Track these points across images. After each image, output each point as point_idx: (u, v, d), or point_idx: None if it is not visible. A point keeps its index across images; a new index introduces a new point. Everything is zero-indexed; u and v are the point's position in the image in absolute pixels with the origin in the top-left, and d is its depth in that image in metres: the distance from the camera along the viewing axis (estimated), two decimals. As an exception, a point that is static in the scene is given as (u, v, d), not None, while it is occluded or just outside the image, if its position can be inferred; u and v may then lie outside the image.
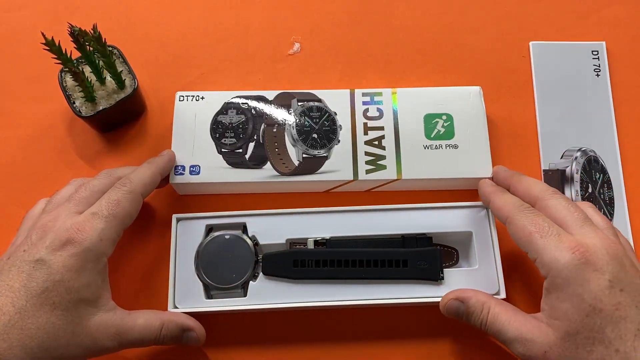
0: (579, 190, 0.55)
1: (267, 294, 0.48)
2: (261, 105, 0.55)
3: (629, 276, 0.35)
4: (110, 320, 0.39)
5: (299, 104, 0.55)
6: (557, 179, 0.56)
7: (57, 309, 0.36)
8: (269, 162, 0.53)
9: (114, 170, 0.47)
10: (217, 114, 0.55)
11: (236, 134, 0.54)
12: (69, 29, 0.48)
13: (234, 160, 0.53)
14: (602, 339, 0.33)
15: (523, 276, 0.51)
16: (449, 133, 0.54)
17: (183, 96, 0.56)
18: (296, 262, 0.48)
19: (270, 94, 0.56)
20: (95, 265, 0.39)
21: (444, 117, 0.55)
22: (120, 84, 0.55)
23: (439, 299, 0.45)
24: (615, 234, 0.40)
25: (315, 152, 0.54)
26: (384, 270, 0.48)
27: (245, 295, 0.48)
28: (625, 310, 0.34)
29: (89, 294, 0.38)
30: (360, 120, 0.55)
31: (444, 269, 0.48)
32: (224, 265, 0.49)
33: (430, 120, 0.55)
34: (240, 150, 0.54)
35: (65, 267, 0.37)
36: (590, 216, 0.41)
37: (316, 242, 0.50)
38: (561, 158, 0.57)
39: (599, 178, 0.56)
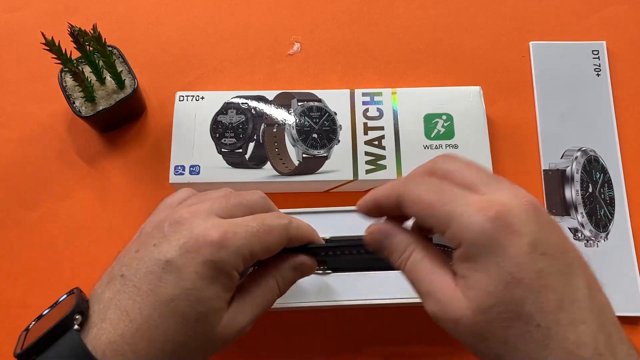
0: (579, 190, 0.55)
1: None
2: (261, 105, 0.55)
3: (548, 236, 0.30)
4: (236, 318, 0.36)
5: (299, 104, 0.55)
6: (558, 178, 0.56)
7: (189, 320, 0.33)
8: (268, 162, 0.53)
9: (267, 199, 0.40)
10: (217, 114, 0.55)
11: (236, 134, 0.54)
12: (69, 29, 0.48)
13: (234, 160, 0.53)
14: (521, 313, 0.28)
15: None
16: (449, 133, 0.54)
17: (183, 96, 0.56)
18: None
19: (270, 94, 0.56)
20: (226, 278, 0.34)
21: (444, 117, 0.55)
22: (120, 84, 0.55)
23: None
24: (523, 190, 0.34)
25: (315, 152, 0.54)
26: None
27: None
28: (548, 279, 0.28)
29: (220, 303, 0.35)
30: (360, 120, 0.55)
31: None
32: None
33: (430, 120, 0.55)
34: (240, 150, 0.54)
35: (197, 274, 0.33)
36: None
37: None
38: (561, 158, 0.56)
39: (599, 178, 0.56)
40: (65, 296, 0.36)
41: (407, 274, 0.34)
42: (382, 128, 0.54)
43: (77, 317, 0.32)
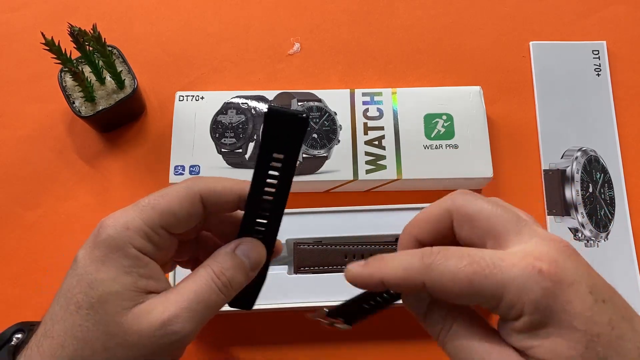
0: (579, 190, 0.55)
1: (267, 294, 0.48)
2: (261, 105, 0.55)
3: (596, 279, 0.28)
4: (154, 309, 0.30)
5: (299, 103, 0.55)
6: (558, 178, 0.56)
7: (82, 308, 0.30)
8: (268, 162, 0.53)
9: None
10: (217, 113, 0.55)
11: (236, 134, 0.54)
12: (69, 29, 0.48)
13: (234, 160, 0.53)
14: None
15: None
16: (449, 133, 0.54)
17: (183, 96, 0.56)
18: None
19: (270, 94, 0.56)
20: (121, 256, 0.30)
21: (444, 117, 0.55)
22: (120, 84, 0.55)
23: None
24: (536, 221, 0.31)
25: (315, 152, 0.54)
26: None
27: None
28: (619, 328, 0.26)
29: (118, 286, 0.30)
30: (360, 120, 0.55)
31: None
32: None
33: (430, 120, 0.55)
34: (240, 150, 0.54)
35: (88, 258, 0.31)
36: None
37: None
38: (561, 158, 0.56)
39: (599, 178, 0.56)
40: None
41: (449, 351, 0.28)
42: (382, 128, 0.54)
43: (17, 335, 0.35)
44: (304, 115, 0.27)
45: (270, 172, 0.30)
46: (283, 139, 0.28)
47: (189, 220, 0.32)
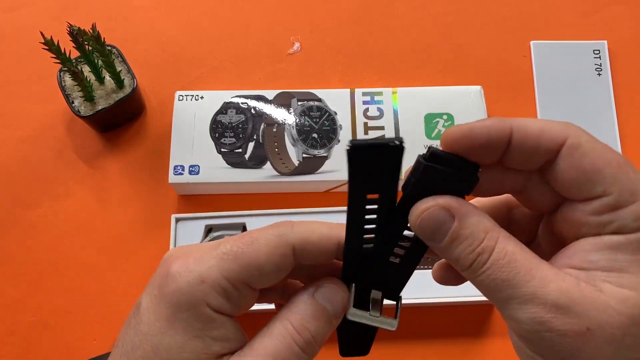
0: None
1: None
2: (261, 105, 0.55)
3: None
4: None
5: (299, 103, 0.55)
6: (559, 178, 0.55)
7: None
8: (268, 162, 0.53)
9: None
10: (217, 113, 0.55)
11: (236, 133, 0.54)
12: (68, 29, 0.48)
13: (234, 160, 0.53)
14: None
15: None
16: (449, 133, 0.54)
17: (182, 96, 0.56)
18: None
19: (270, 94, 0.56)
20: (192, 316, 0.25)
21: (445, 117, 0.55)
22: (120, 84, 0.54)
23: (446, 300, 0.45)
24: None
25: (315, 151, 0.53)
26: None
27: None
28: None
29: (186, 355, 0.25)
30: (360, 119, 0.55)
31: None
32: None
33: (430, 119, 0.55)
34: (240, 150, 0.54)
35: (153, 314, 0.25)
36: None
37: None
38: (562, 158, 0.56)
39: (600, 178, 0.55)
40: None
41: (491, 272, 0.23)
42: (382, 128, 0.54)
43: None
44: (397, 143, 0.22)
45: (367, 217, 0.25)
46: (375, 177, 0.23)
47: (277, 275, 0.26)
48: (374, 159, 0.22)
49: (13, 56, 0.61)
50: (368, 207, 0.24)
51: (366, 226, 0.25)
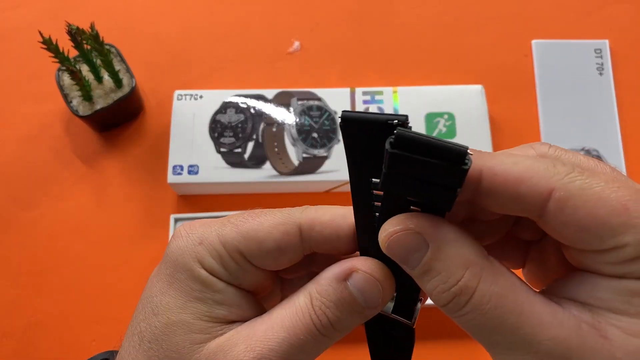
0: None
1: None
2: (260, 105, 0.55)
3: None
4: (233, 343, 0.23)
5: (299, 102, 0.55)
6: (560, 178, 0.55)
7: (144, 341, 0.24)
8: (268, 162, 0.53)
9: None
10: (216, 113, 0.55)
11: (235, 133, 0.54)
12: (67, 28, 0.48)
13: (233, 159, 0.53)
14: None
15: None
16: (450, 132, 0.54)
17: (181, 95, 0.55)
18: None
19: (270, 93, 0.55)
20: (189, 277, 0.24)
21: (446, 116, 0.54)
22: (118, 83, 0.54)
23: None
24: None
25: (315, 151, 0.53)
26: None
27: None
28: None
29: (187, 315, 0.23)
30: (360, 119, 0.54)
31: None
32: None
33: (431, 119, 0.54)
34: (239, 150, 0.53)
35: (156, 276, 0.25)
36: None
37: None
38: (564, 157, 0.56)
39: (602, 178, 0.55)
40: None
41: (472, 317, 0.19)
42: (382, 127, 0.54)
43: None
44: (395, 121, 0.18)
45: (375, 202, 0.22)
46: (373, 154, 0.20)
47: (280, 255, 0.24)
48: (369, 135, 0.19)
49: (11, 55, 0.61)
50: (375, 192, 0.21)
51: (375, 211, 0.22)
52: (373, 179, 0.21)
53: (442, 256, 0.19)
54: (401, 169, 0.18)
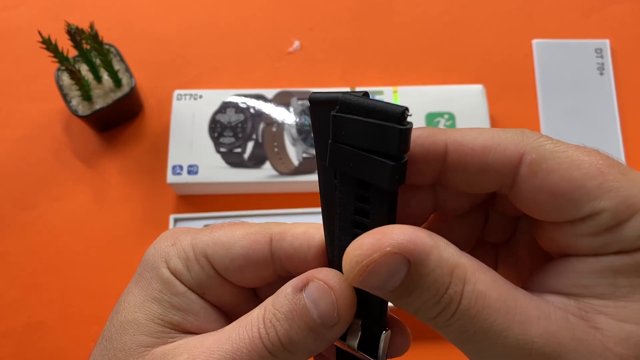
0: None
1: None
2: (260, 104, 0.55)
3: None
4: (178, 353, 0.21)
5: (299, 102, 0.55)
6: (561, 178, 0.55)
7: (103, 338, 0.24)
8: (268, 162, 0.53)
9: None
10: (216, 112, 0.54)
11: (235, 133, 0.54)
12: (66, 27, 0.48)
13: (233, 159, 0.53)
14: None
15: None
16: (450, 132, 0.54)
17: (181, 95, 0.55)
18: None
19: (270, 93, 0.55)
20: (154, 276, 0.23)
21: (446, 116, 0.54)
22: (118, 83, 0.54)
23: None
24: None
25: (315, 151, 0.53)
26: None
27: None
28: None
29: (141, 315, 0.23)
30: (360, 119, 0.54)
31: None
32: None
33: (432, 119, 0.54)
34: (239, 150, 0.53)
35: (131, 283, 0.25)
36: None
37: None
38: (564, 157, 0.56)
39: (602, 178, 0.55)
40: None
41: (460, 325, 0.18)
42: (383, 127, 0.54)
43: None
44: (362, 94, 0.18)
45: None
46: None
47: (245, 263, 0.23)
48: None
49: (10, 55, 0.61)
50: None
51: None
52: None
53: (426, 270, 0.17)
54: (345, 137, 0.18)
